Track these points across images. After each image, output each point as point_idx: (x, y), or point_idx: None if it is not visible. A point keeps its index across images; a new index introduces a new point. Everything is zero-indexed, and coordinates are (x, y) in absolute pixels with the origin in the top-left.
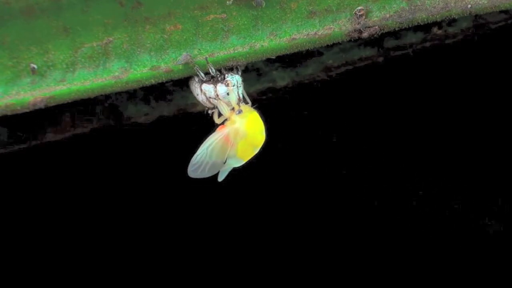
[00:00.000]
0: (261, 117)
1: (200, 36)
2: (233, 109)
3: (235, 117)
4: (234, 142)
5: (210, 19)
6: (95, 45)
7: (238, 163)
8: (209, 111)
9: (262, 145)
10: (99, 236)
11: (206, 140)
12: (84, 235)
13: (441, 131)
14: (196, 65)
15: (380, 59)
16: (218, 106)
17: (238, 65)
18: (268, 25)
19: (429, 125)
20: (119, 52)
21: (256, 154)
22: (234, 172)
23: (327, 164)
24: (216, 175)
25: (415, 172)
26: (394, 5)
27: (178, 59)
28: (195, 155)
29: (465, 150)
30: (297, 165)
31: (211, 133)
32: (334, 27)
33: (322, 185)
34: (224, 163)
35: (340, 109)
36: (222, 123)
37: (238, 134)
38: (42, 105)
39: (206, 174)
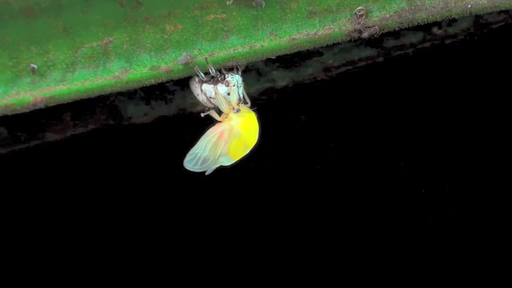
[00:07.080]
0: (258, 118)
1: (200, 36)
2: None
3: (232, 115)
4: (228, 139)
5: (210, 19)
6: (95, 45)
7: (228, 162)
8: (208, 112)
9: (254, 147)
10: (99, 236)
11: (205, 134)
12: (85, 235)
13: (441, 131)
14: (196, 65)
15: (380, 59)
16: (218, 103)
17: (238, 65)
18: (268, 25)
19: (429, 125)
20: (119, 52)
21: (255, 154)
22: (235, 171)
23: (327, 164)
24: (214, 174)
25: (414, 172)
26: (394, 5)
27: (178, 59)
28: (193, 147)
29: (465, 150)
30: (296, 164)
31: (211, 126)
32: (334, 27)
33: (321, 184)
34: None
35: (340, 109)
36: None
37: (233, 132)
38: (42, 105)
39: (199, 168)
